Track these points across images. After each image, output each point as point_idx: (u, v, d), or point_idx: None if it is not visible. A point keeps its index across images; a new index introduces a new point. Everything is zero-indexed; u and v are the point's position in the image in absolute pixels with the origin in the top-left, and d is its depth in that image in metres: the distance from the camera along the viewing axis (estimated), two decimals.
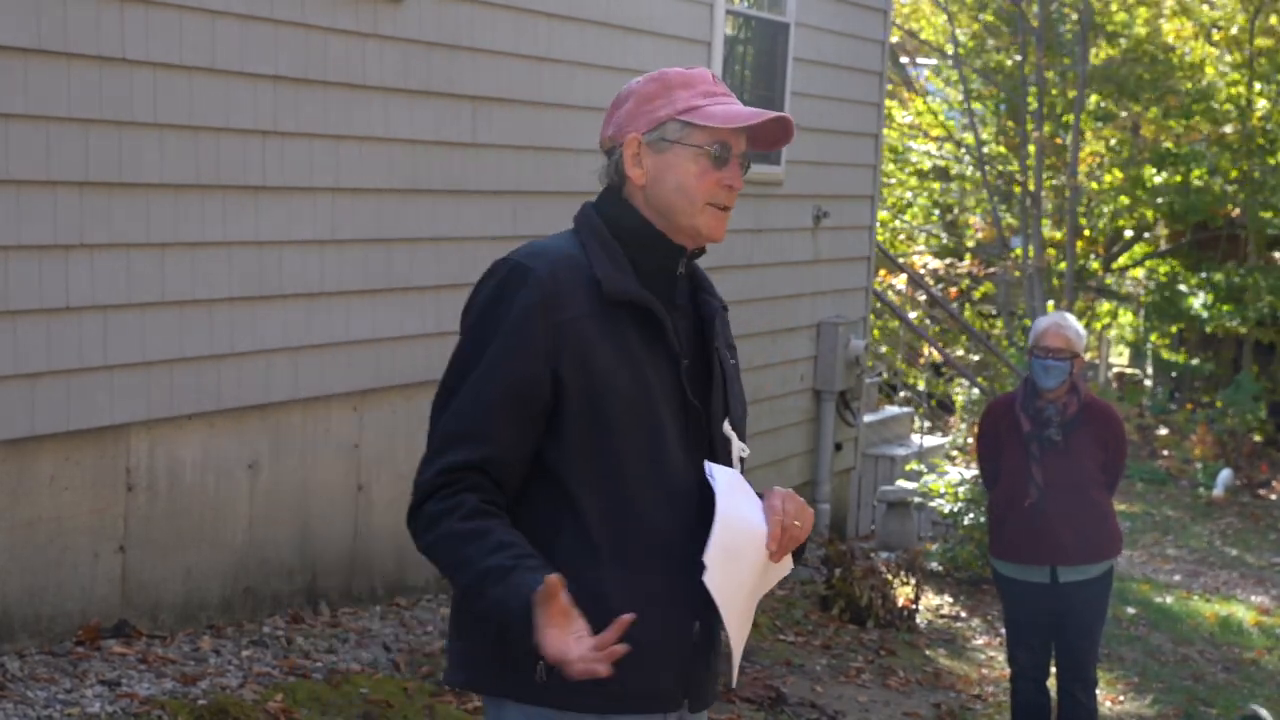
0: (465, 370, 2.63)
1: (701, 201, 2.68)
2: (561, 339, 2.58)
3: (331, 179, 6.20)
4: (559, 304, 2.59)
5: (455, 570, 2.55)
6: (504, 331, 2.60)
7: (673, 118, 2.67)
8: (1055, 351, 5.87)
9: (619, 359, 2.61)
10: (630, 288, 2.65)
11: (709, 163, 2.67)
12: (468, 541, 2.53)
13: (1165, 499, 16.05)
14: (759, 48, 9.58)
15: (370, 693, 5.41)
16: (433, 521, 2.57)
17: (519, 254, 2.67)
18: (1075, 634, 6.04)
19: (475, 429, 2.58)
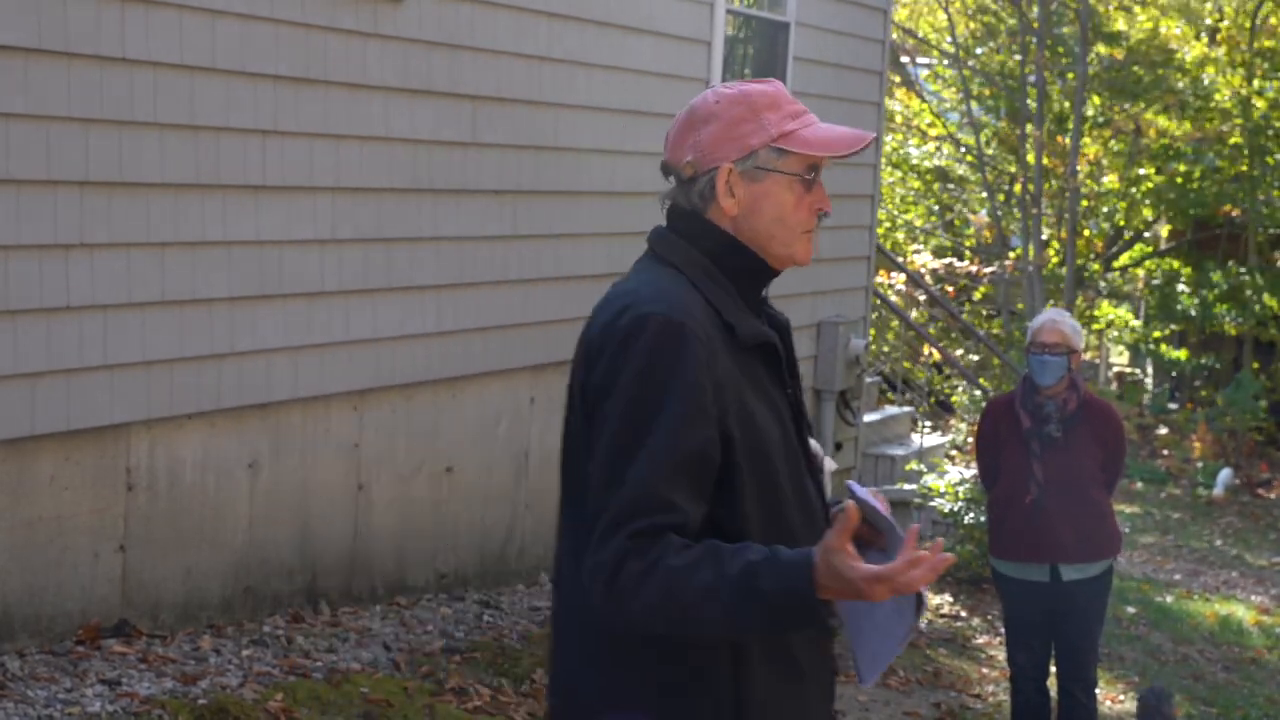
0: (636, 440, 2.39)
1: (798, 230, 2.58)
2: (723, 396, 2.44)
3: (332, 179, 6.20)
4: (714, 360, 2.44)
5: (699, 600, 2.32)
6: (674, 397, 2.39)
7: (767, 145, 2.54)
8: (1051, 347, 5.89)
9: (760, 402, 2.52)
10: (761, 330, 2.56)
11: (803, 189, 2.56)
12: (698, 567, 2.33)
13: (1165, 499, 16.05)
14: (759, 47, 9.58)
15: (370, 692, 5.41)
16: (644, 576, 2.33)
17: (655, 306, 2.46)
18: (1075, 634, 6.04)
19: (659, 500, 2.36)
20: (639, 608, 2.34)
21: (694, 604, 2.32)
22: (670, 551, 2.33)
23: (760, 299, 2.65)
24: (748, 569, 2.31)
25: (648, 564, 2.33)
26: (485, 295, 7.06)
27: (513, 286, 7.22)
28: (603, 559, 2.36)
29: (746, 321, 2.54)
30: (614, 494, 2.37)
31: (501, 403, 7.36)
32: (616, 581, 2.34)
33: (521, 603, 7.17)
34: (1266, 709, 8.35)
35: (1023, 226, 19.10)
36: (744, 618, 2.33)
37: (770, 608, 2.31)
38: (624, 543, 2.34)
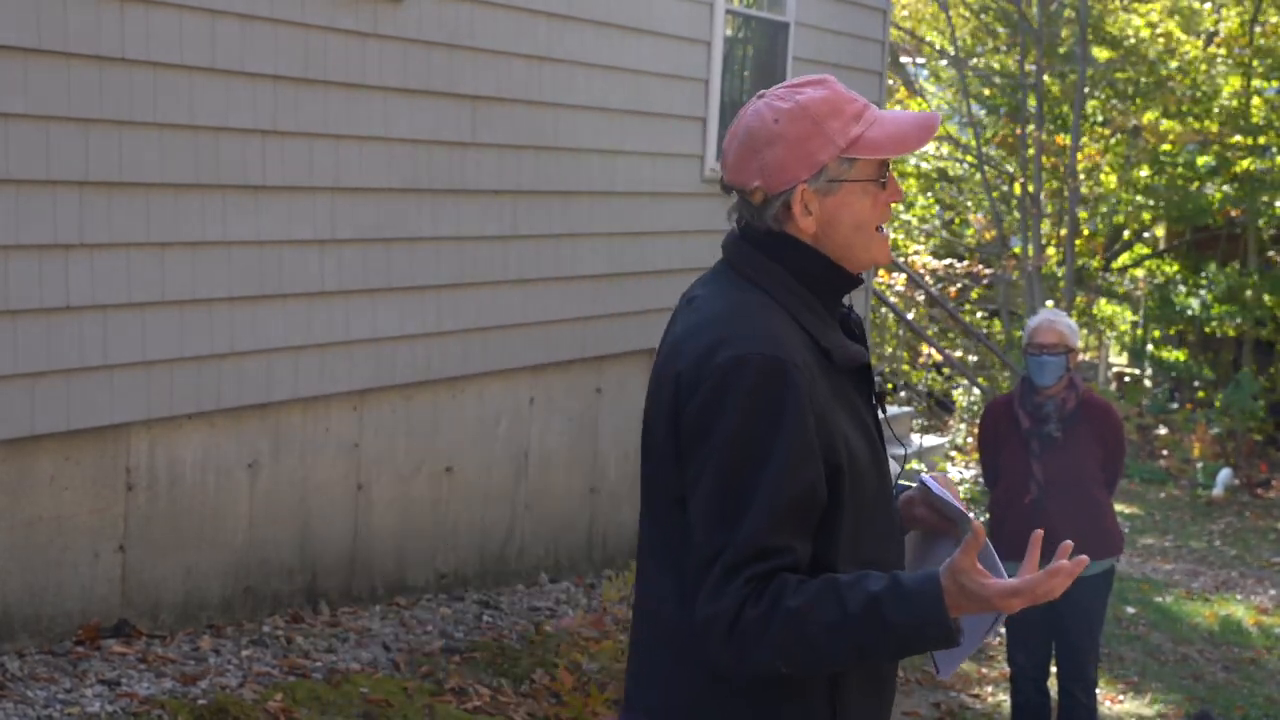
0: (746, 485, 2.33)
1: (874, 231, 2.50)
2: (826, 428, 2.38)
3: (331, 179, 6.20)
4: (814, 391, 2.37)
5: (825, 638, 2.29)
6: (782, 438, 2.32)
7: (836, 158, 2.45)
8: (1049, 347, 5.90)
9: (856, 428, 2.46)
10: (856, 353, 2.50)
11: (877, 189, 2.48)
12: (820, 606, 2.28)
13: (1165, 499, 16.05)
14: (759, 47, 9.58)
15: (370, 692, 5.41)
16: (765, 621, 2.28)
17: (753, 345, 2.37)
18: (1075, 633, 6.04)
19: (773, 545, 2.32)
20: (762, 653, 2.30)
21: (820, 643, 2.28)
22: (787, 592, 2.28)
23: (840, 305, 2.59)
24: (872, 603, 2.27)
25: (765, 608, 2.28)
26: (485, 295, 7.06)
27: (512, 286, 7.22)
28: (721, 607, 2.30)
29: (839, 344, 2.48)
30: (727, 539, 2.31)
31: (501, 403, 7.36)
32: (736, 628, 2.29)
33: (521, 603, 7.17)
34: (1266, 709, 8.35)
35: (1022, 226, 19.10)
36: (873, 651, 2.31)
37: (901, 638, 2.29)
38: (741, 589, 2.29)
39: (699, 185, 8.77)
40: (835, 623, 2.27)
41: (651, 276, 8.37)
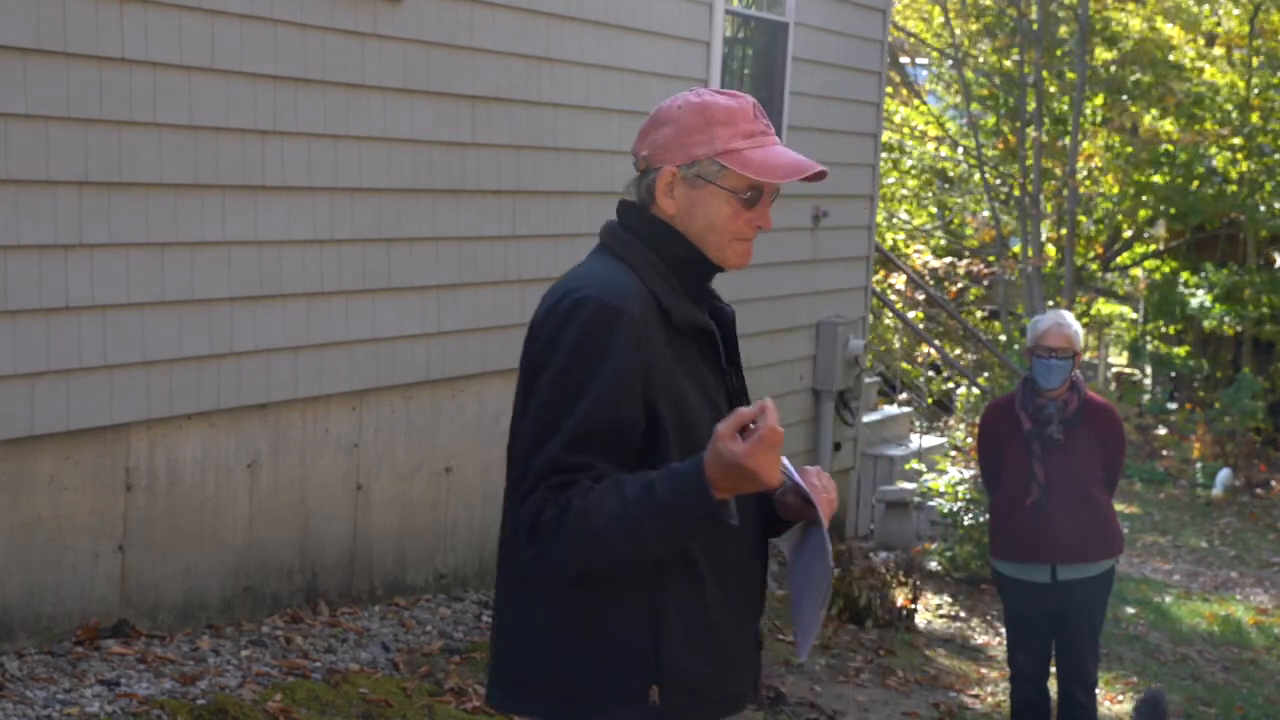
0: (566, 409, 2.56)
1: (729, 239, 2.72)
2: (653, 376, 2.59)
3: (331, 179, 6.20)
4: (646, 341, 2.60)
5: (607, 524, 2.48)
6: (601, 375, 2.55)
7: (711, 158, 2.67)
8: (1057, 351, 5.89)
9: (693, 384, 2.67)
10: (695, 315, 2.70)
11: (741, 206, 2.70)
12: (605, 498, 2.49)
13: (1165, 499, 16.05)
14: (758, 47, 9.58)
15: (370, 692, 5.41)
16: (559, 519, 2.50)
17: (593, 290, 2.62)
18: (1075, 634, 6.04)
19: (574, 460, 2.54)
20: (557, 549, 2.51)
21: (604, 533, 2.48)
22: (578, 493, 2.50)
23: (705, 291, 2.80)
24: (646, 485, 2.47)
25: (560, 508, 2.49)
26: (485, 295, 7.06)
27: (512, 286, 7.22)
28: (524, 514, 2.53)
29: (683, 308, 2.68)
30: (535, 459, 2.55)
31: (501, 402, 7.35)
32: (536, 530, 2.52)
33: None
34: (1266, 709, 8.35)
35: (1022, 227, 19.10)
36: (651, 534, 2.48)
37: (670, 515, 2.46)
38: (543, 494, 2.52)
39: None
40: (615, 511, 2.47)
41: None
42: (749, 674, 2.80)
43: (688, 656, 2.64)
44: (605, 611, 2.62)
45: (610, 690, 2.62)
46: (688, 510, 2.46)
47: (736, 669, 2.74)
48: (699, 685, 2.66)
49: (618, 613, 2.62)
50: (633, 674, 2.61)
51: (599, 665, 2.62)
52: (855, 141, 10.78)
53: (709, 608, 2.66)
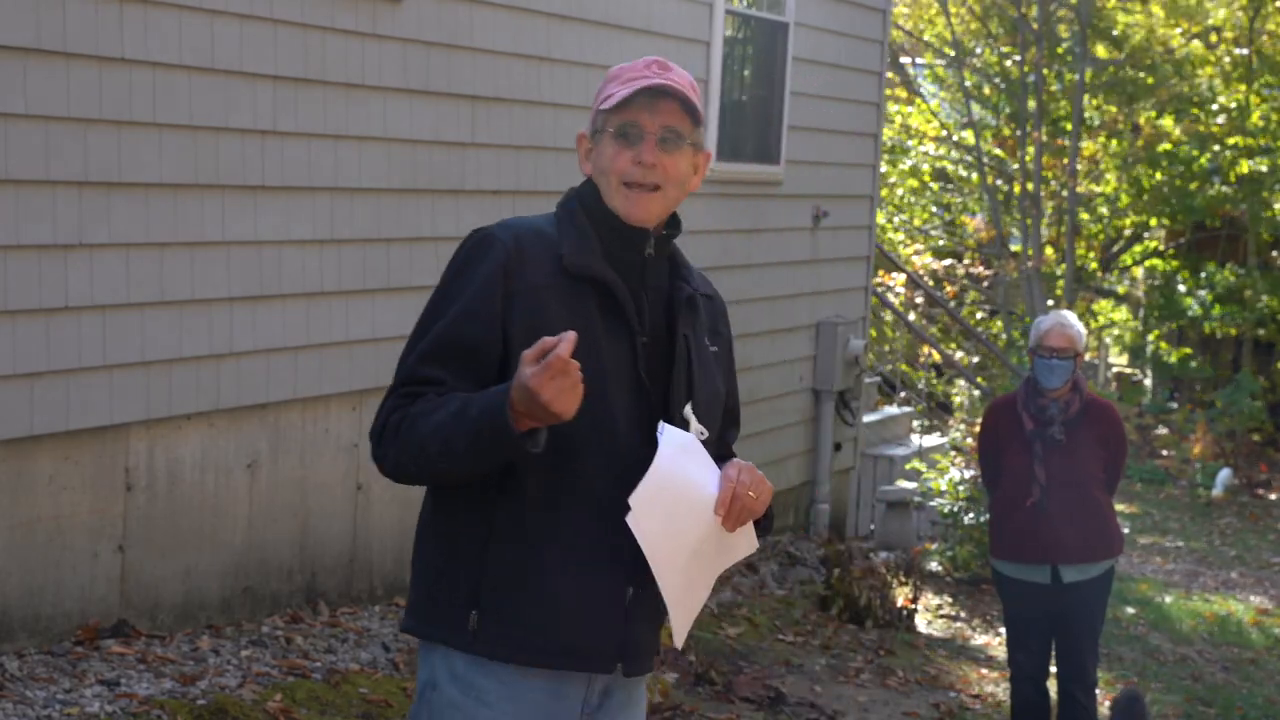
0: (427, 327, 2.75)
1: (616, 181, 2.79)
2: (515, 306, 2.70)
3: (331, 179, 6.20)
4: (519, 272, 2.71)
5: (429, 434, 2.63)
6: (466, 295, 2.71)
7: (599, 110, 2.82)
8: (1059, 351, 5.89)
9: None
10: (589, 262, 2.76)
11: (619, 144, 2.78)
12: (437, 409, 2.63)
13: (1165, 499, 16.05)
14: (759, 47, 9.58)
15: (369, 692, 5.41)
16: (399, 425, 2.67)
17: (491, 225, 2.82)
18: (1075, 634, 6.04)
19: (426, 373, 2.70)
20: (393, 452, 2.68)
21: (425, 439, 2.63)
22: (422, 403, 2.66)
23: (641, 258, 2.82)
24: (465, 402, 2.61)
25: (404, 414, 2.67)
26: None
27: None
28: (377, 420, 2.72)
29: (581, 255, 2.76)
30: (400, 369, 2.75)
31: None
32: (384, 435, 2.69)
33: None
34: (1266, 709, 8.35)
35: (1022, 227, 19.10)
36: (458, 447, 2.60)
37: (476, 433, 2.58)
38: (394, 401, 2.70)
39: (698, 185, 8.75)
40: (439, 422, 2.62)
41: None
42: (608, 638, 2.76)
43: (508, 589, 2.70)
44: (445, 536, 2.76)
45: (441, 612, 2.75)
46: (491, 431, 2.56)
47: (579, 627, 2.73)
48: (519, 627, 2.70)
49: (454, 538, 2.74)
50: (458, 597, 2.72)
51: (432, 585, 2.77)
52: (855, 141, 10.78)
53: (538, 547, 2.70)
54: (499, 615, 2.70)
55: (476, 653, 2.72)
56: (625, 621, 2.77)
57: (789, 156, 9.67)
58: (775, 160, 9.59)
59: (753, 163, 9.45)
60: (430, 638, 2.79)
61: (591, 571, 2.72)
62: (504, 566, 2.70)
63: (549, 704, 2.75)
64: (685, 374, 2.82)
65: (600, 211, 2.81)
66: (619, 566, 2.73)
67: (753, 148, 9.48)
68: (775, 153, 9.60)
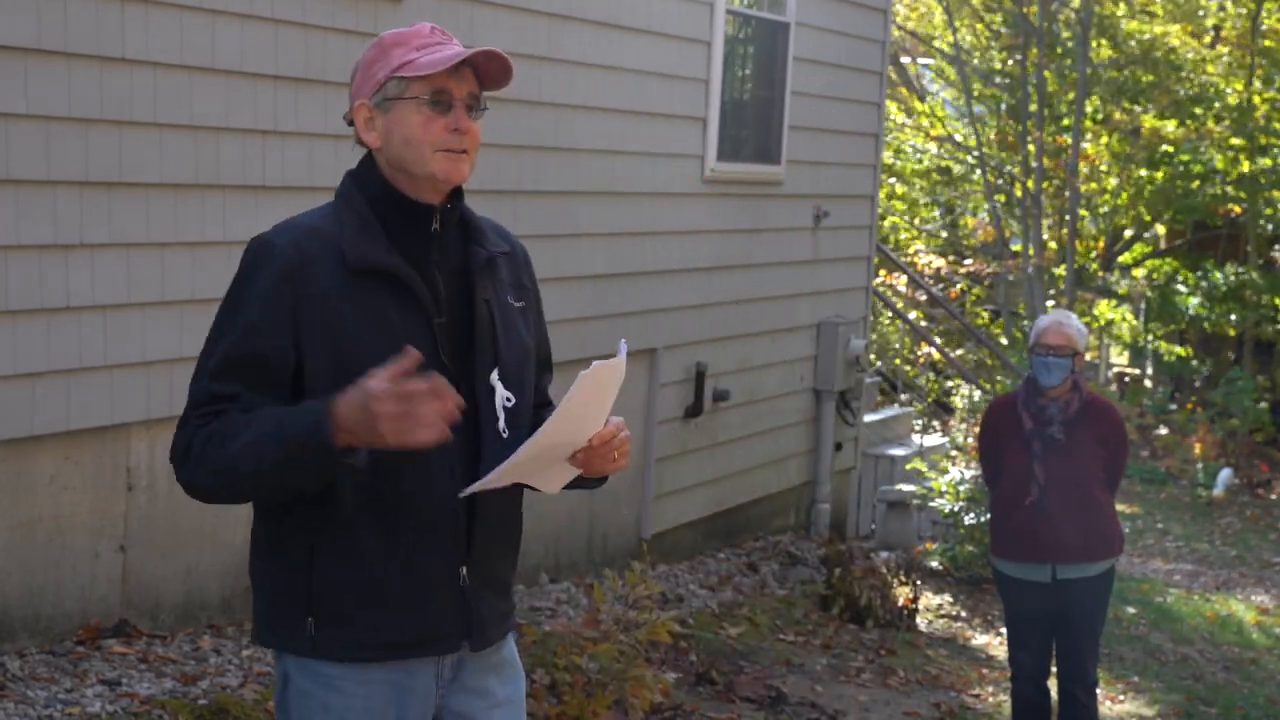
0: (215, 344, 2.70)
1: (430, 150, 2.74)
2: (304, 312, 2.65)
3: (332, 179, 6.13)
4: (303, 277, 2.66)
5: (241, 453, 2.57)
6: (251, 308, 2.66)
7: (390, 76, 2.75)
8: (1057, 349, 5.89)
9: (371, 327, 2.67)
10: (373, 255, 2.70)
11: (431, 111, 2.74)
12: (246, 428, 2.58)
13: (1165, 499, 16.05)
14: (759, 47, 9.58)
15: None
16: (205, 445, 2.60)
17: (270, 230, 2.76)
18: (1076, 633, 6.04)
19: (221, 390, 2.64)
20: (200, 476, 2.62)
21: (236, 457, 2.57)
22: (226, 421, 2.60)
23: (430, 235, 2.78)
24: (279, 419, 2.57)
25: (205, 436, 2.61)
26: None
27: None
28: (177, 441, 2.65)
29: (363, 248, 2.70)
30: (190, 389, 2.68)
31: None
32: (188, 457, 2.62)
33: (521, 603, 7.17)
34: (1266, 709, 8.35)
35: (1023, 226, 19.11)
36: (273, 464, 2.56)
37: (292, 450, 2.54)
38: (193, 424, 2.63)
39: (699, 185, 8.77)
40: (249, 440, 2.57)
41: (651, 276, 8.36)
42: (448, 622, 2.76)
43: (338, 593, 2.69)
44: (273, 546, 2.74)
45: (279, 620, 2.74)
46: (309, 449, 2.53)
47: (416, 618, 2.72)
48: (355, 622, 2.70)
49: (282, 548, 2.72)
50: (293, 606, 2.71)
51: (271, 595, 2.76)
52: (855, 141, 10.78)
53: (363, 548, 2.68)
54: (334, 620, 2.70)
55: (319, 657, 2.72)
56: (463, 600, 2.78)
57: (790, 156, 9.68)
58: (776, 160, 9.60)
59: (753, 163, 9.45)
60: (275, 646, 2.80)
61: (420, 562, 2.72)
62: (331, 571, 2.69)
63: (402, 681, 2.76)
64: (491, 343, 2.79)
65: (383, 194, 2.77)
66: (447, 550, 2.74)
67: (753, 148, 9.49)
68: (776, 153, 9.60)
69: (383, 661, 2.73)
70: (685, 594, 8.25)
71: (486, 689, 2.87)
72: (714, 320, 8.87)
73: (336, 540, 2.68)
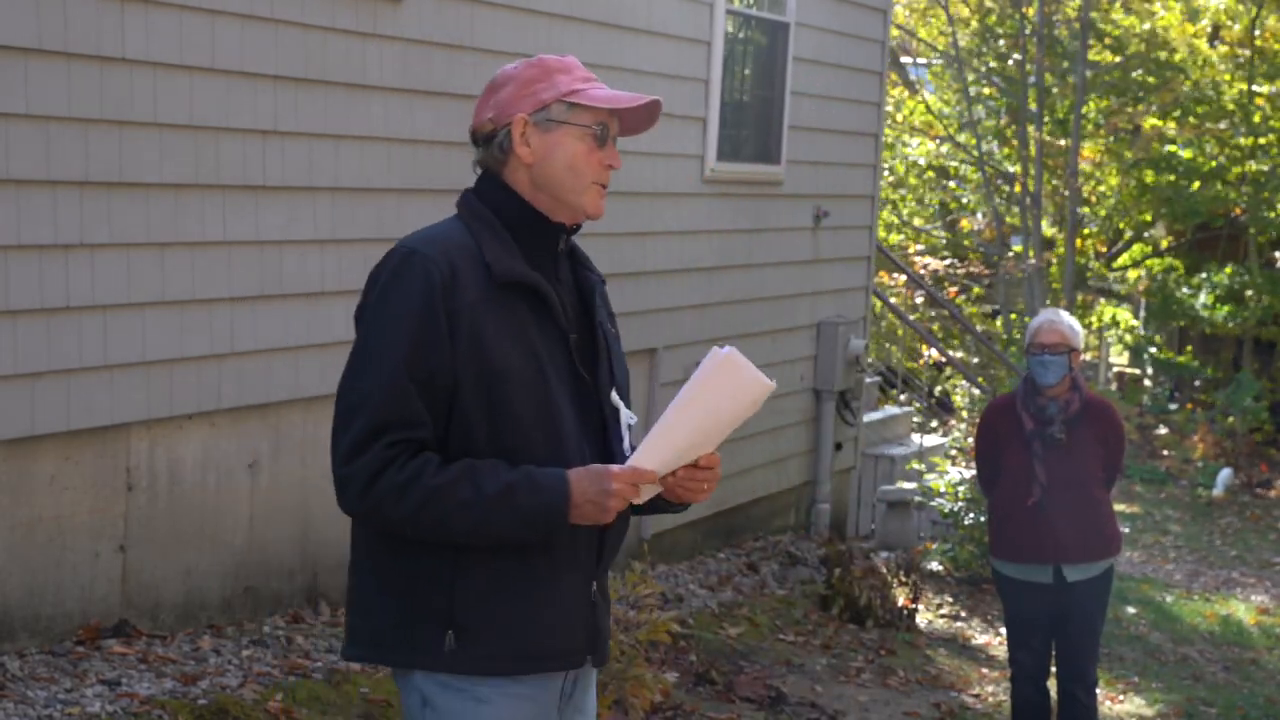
0: (375, 359, 2.70)
1: (588, 179, 2.81)
2: (456, 326, 2.67)
3: (332, 179, 6.20)
4: (454, 290, 2.68)
5: (453, 515, 2.62)
6: (414, 321, 2.67)
7: (558, 99, 2.79)
8: (1051, 347, 5.89)
9: (513, 340, 2.72)
10: (518, 269, 2.75)
11: (594, 142, 2.80)
12: (458, 485, 2.62)
13: (1165, 499, 16.05)
14: (759, 47, 9.58)
15: (370, 692, 5.41)
16: (404, 489, 2.63)
17: (412, 241, 2.75)
18: (1076, 633, 6.04)
19: (408, 414, 2.65)
20: (397, 516, 2.65)
21: (452, 513, 2.62)
22: (429, 470, 2.63)
23: (555, 254, 2.85)
24: (506, 487, 2.63)
25: (407, 478, 2.63)
26: None
27: None
28: (360, 467, 2.65)
29: (506, 262, 2.74)
30: (362, 398, 2.67)
31: None
32: (374, 488, 2.64)
33: None
34: (1266, 709, 8.35)
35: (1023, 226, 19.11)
36: (498, 527, 2.64)
37: (525, 521, 2.64)
38: (382, 452, 2.64)
39: (699, 185, 8.77)
40: (468, 500, 2.62)
41: (651, 276, 8.37)
42: (580, 635, 2.82)
43: (480, 607, 2.71)
44: (407, 563, 2.74)
45: (413, 638, 2.73)
46: (542, 522, 2.65)
47: (554, 631, 2.78)
48: (495, 638, 2.73)
49: (418, 564, 2.72)
50: (431, 621, 2.71)
51: (404, 614, 2.74)
52: (855, 141, 10.78)
53: (506, 562, 2.72)
54: (475, 633, 2.72)
55: (460, 671, 2.73)
56: (592, 615, 2.84)
57: (789, 156, 9.68)
58: (776, 160, 9.60)
59: (753, 163, 9.45)
60: (401, 663, 2.79)
61: (560, 574, 2.77)
62: (473, 585, 2.72)
63: (538, 696, 2.80)
64: (608, 364, 2.87)
65: (514, 212, 2.81)
66: (583, 564, 2.80)
67: (753, 148, 9.49)
68: (776, 153, 9.60)
69: (525, 675, 2.76)
70: (685, 594, 8.25)
71: (586, 706, 2.94)
72: (714, 320, 8.87)
73: (480, 555, 2.71)
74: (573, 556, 2.78)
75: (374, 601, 2.78)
